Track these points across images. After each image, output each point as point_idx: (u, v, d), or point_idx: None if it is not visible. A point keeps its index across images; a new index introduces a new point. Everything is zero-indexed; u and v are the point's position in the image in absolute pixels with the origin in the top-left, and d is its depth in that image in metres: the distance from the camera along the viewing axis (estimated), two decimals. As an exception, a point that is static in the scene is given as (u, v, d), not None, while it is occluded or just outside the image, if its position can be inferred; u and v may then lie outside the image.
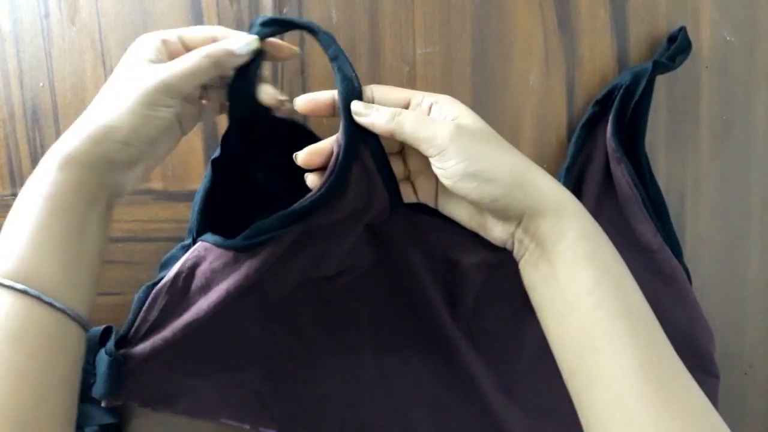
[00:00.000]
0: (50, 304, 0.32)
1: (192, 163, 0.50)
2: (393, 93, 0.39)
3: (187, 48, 0.38)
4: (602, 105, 0.46)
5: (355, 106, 0.37)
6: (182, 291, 0.42)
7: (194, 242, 0.42)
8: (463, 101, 0.48)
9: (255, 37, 0.37)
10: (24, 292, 0.31)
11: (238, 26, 0.48)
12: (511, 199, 0.35)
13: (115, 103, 0.34)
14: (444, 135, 0.35)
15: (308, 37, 0.48)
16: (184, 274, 0.41)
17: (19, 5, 0.51)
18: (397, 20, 0.48)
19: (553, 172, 0.49)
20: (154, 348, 0.42)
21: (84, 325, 0.34)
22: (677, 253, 0.46)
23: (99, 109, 0.35)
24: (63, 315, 0.33)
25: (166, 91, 0.35)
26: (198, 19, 0.49)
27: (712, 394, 0.47)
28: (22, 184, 0.52)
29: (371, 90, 0.39)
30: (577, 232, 0.34)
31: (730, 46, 0.48)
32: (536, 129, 0.49)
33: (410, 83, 0.48)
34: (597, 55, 0.48)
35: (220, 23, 0.49)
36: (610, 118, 0.44)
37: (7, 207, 0.53)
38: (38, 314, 0.32)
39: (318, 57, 0.49)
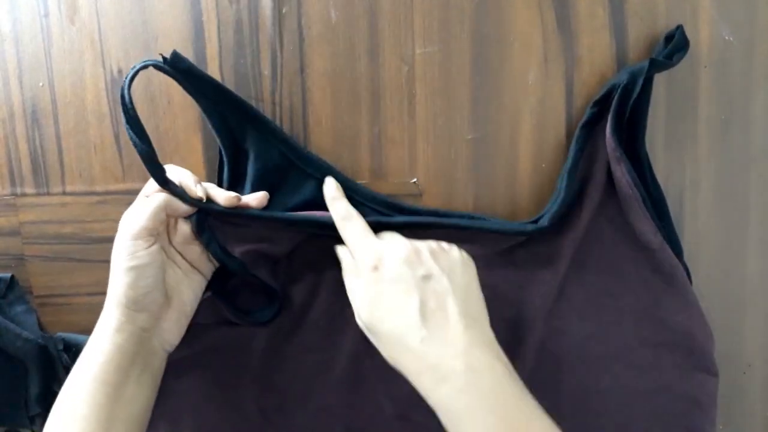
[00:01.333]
0: None
1: (192, 163, 0.50)
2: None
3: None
4: (601, 106, 0.46)
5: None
6: None
7: None
8: (462, 101, 0.49)
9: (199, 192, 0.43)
10: None
11: (238, 26, 0.48)
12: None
13: (114, 268, 0.41)
14: (353, 286, 0.42)
15: (307, 37, 0.49)
16: None
17: (18, 5, 0.51)
18: (396, 20, 0.48)
19: (553, 171, 0.49)
20: None
21: None
22: (678, 252, 0.46)
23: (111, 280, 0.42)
24: None
25: (137, 236, 0.41)
26: (197, 19, 0.49)
27: (710, 394, 0.47)
28: (21, 184, 0.53)
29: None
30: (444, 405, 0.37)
31: (729, 46, 0.48)
32: (535, 129, 0.49)
33: (409, 83, 0.49)
34: (596, 54, 0.48)
35: (219, 23, 0.49)
36: (609, 117, 0.44)
37: (7, 206, 0.54)
38: None
39: (317, 57, 0.49)
